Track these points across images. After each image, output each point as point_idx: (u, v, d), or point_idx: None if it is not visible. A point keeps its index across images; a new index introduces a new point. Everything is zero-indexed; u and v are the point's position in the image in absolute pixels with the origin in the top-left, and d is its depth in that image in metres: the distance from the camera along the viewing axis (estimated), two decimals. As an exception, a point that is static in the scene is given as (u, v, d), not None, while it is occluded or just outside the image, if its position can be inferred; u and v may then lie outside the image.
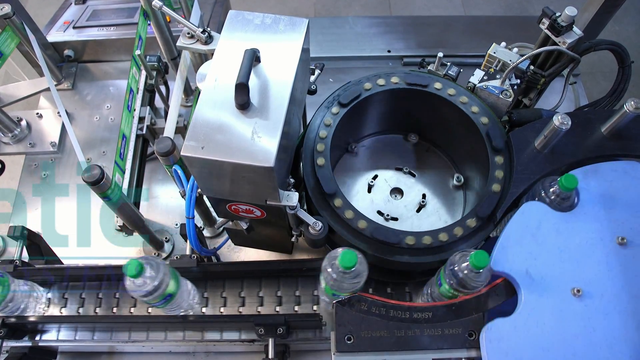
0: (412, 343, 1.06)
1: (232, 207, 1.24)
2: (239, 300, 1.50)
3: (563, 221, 1.15)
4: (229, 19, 1.21)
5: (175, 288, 1.22)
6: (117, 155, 1.49)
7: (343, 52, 2.21)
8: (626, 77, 1.55)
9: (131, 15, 2.16)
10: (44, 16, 2.26)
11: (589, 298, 1.06)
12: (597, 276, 1.08)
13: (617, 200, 1.16)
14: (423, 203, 1.55)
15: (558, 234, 1.13)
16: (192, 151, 1.04)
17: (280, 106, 1.09)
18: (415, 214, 1.54)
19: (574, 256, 1.11)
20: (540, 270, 1.10)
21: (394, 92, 1.46)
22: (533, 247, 1.12)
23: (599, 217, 1.14)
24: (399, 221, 1.52)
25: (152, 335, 1.50)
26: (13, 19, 1.73)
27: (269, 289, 1.52)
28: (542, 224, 1.15)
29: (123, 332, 1.50)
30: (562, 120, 1.21)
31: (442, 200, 1.57)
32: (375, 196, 1.56)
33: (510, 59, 1.46)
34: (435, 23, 2.34)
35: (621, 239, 1.11)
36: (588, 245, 1.12)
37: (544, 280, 1.09)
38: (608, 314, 1.05)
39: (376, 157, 1.65)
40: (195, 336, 1.48)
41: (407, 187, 1.58)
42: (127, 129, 1.56)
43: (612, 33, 3.43)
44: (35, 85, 2.00)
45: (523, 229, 1.15)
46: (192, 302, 1.40)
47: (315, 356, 1.54)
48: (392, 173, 1.61)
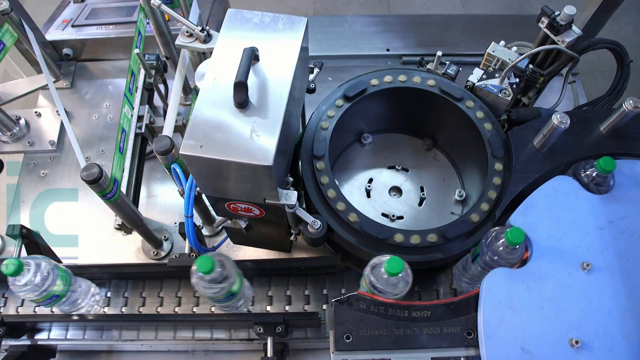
0: (410, 342, 1.06)
1: (231, 206, 1.24)
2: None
3: (593, 201, 1.17)
4: (228, 18, 1.21)
5: (239, 286, 1.24)
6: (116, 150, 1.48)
7: (342, 50, 2.21)
8: (625, 76, 1.56)
9: (130, 13, 2.15)
10: (43, 15, 2.25)
11: (597, 272, 1.09)
12: (610, 258, 1.11)
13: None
14: (423, 196, 1.55)
15: (585, 211, 1.16)
16: (190, 150, 1.04)
17: (279, 105, 1.09)
18: (418, 207, 1.55)
19: (595, 236, 1.13)
20: (557, 239, 1.13)
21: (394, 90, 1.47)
22: (555, 216, 1.15)
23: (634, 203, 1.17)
24: (405, 219, 1.53)
25: (151, 334, 1.50)
26: (11, 15, 1.72)
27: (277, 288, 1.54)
28: (571, 198, 1.17)
29: (124, 331, 1.51)
30: (561, 119, 1.21)
31: (439, 188, 1.58)
32: (376, 199, 1.56)
33: (509, 58, 1.46)
34: (435, 22, 2.34)
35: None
36: (612, 227, 1.14)
37: (558, 247, 1.12)
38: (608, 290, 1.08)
39: (368, 159, 1.65)
40: (194, 335, 1.48)
41: (403, 184, 1.58)
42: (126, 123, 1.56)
43: (611, 32, 3.43)
44: (34, 83, 2.00)
45: (550, 199, 1.18)
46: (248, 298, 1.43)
47: (314, 355, 1.54)
48: (386, 173, 1.61)
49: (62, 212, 1.83)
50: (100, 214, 1.75)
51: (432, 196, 1.57)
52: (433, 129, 1.63)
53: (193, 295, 1.54)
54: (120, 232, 1.66)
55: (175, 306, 1.53)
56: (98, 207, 1.74)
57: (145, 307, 1.54)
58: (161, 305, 1.53)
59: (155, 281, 1.57)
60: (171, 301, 1.54)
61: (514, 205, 1.22)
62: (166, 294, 1.55)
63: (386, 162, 1.63)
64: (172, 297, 1.54)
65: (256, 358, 1.50)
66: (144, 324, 1.51)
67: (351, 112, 1.44)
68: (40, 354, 1.50)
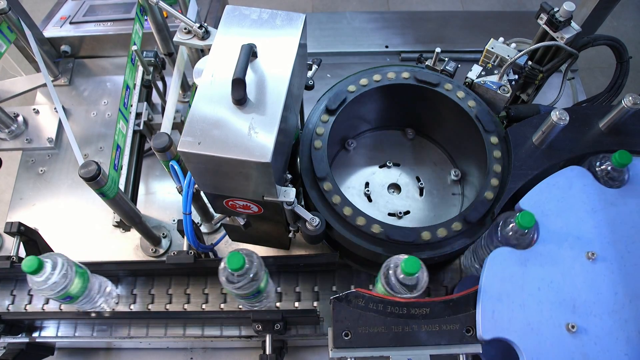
0: (409, 339, 1.06)
1: (229, 203, 1.24)
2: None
3: (605, 193, 1.18)
4: (226, 14, 1.21)
5: (266, 283, 1.25)
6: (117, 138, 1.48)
7: (340, 47, 2.21)
8: (624, 72, 1.55)
9: (128, 10, 2.15)
10: (41, 11, 2.25)
11: (601, 262, 1.10)
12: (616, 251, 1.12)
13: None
14: (422, 185, 1.56)
15: (596, 203, 1.17)
16: (188, 147, 1.03)
17: (277, 102, 1.08)
18: (420, 198, 1.55)
19: (603, 228, 1.14)
20: (565, 226, 1.14)
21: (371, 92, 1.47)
22: (565, 204, 1.17)
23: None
24: (412, 213, 1.53)
25: (151, 331, 1.50)
26: (9, 14, 1.72)
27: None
28: (583, 188, 1.19)
29: (122, 328, 1.51)
30: (560, 116, 1.21)
31: (435, 175, 1.60)
32: (378, 202, 1.55)
33: (508, 55, 1.46)
34: (433, 18, 2.33)
35: None
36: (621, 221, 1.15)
37: (564, 234, 1.13)
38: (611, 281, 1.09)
39: (360, 161, 1.64)
40: (193, 332, 1.48)
41: (399, 179, 1.59)
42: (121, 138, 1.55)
43: (610, 28, 3.43)
44: (32, 81, 1.99)
45: (562, 186, 1.19)
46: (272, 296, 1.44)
47: (313, 352, 1.54)
48: (380, 172, 1.61)
49: (60, 210, 1.83)
50: (99, 211, 1.74)
51: (430, 183, 1.58)
52: (413, 118, 1.63)
53: (184, 293, 1.54)
54: (119, 230, 1.66)
55: (166, 304, 1.53)
56: (96, 204, 1.74)
57: (136, 305, 1.54)
58: (152, 302, 1.53)
59: (149, 279, 1.57)
60: (163, 300, 1.53)
61: (513, 202, 1.22)
62: (157, 292, 1.54)
63: (376, 161, 1.63)
64: (163, 295, 1.54)
65: (255, 355, 1.50)
66: (137, 321, 1.51)
67: (335, 124, 1.42)
68: (38, 351, 1.50)
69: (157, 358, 1.59)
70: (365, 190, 1.56)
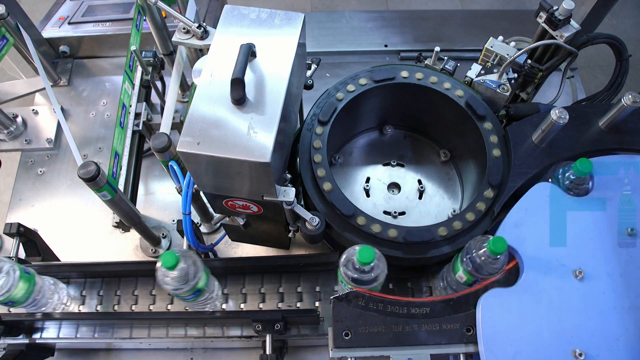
0: (409, 339, 1.06)
1: (229, 203, 1.24)
2: (241, 297, 1.50)
3: (575, 204, 1.16)
4: (225, 14, 1.21)
5: (205, 283, 1.22)
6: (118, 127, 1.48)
7: (340, 46, 2.20)
8: (624, 70, 1.55)
9: (127, 10, 2.14)
10: (39, 12, 2.25)
11: (590, 279, 1.08)
12: (601, 261, 1.10)
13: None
14: (422, 188, 1.55)
15: (567, 216, 1.15)
16: (188, 147, 1.03)
17: (276, 101, 1.08)
18: (419, 201, 1.55)
19: (581, 240, 1.12)
20: (545, 249, 1.11)
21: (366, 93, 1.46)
22: (539, 225, 1.14)
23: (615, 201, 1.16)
24: (407, 214, 1.52)
25: (153, 332, 1.49)
26: (7, 19, 1.71)
27: (271, 285, 1.52)
28: (552, 204, 1.16)
29: (123, 329, 1.50)
30: (560, 115, 1.21)
31: (438, 180, 1.59)
32: (375, 198, 1.55)
33: (508, 53, 1.46)
34: (433, 17, 2.33)
35: (631, 230, 1.12)
36: (597, 231, 1.13)
37: (547, 258, 1.10)
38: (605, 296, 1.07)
39: (362, 159, 1.64)
40: (193, 332, 1.48)
41: (401, 179, 1.58)
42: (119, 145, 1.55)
43: (610, 27, 3.42)
44: (31, 85, 1.99)
45: (533, 207, 1.17)
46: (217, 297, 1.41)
47: (313, 352, 1.54)
48: (382, 170, 1.61)
49: (60, 210, 1.83)
50: (98, 211, 1.74)
51: (431, 188, 1.57)
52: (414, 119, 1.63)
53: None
54: (118, 230, 1.66)
55: (167, 304, 1.52)
56: (96, 205, 1.74)
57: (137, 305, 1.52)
58: (153, 303, 1.52)
59: (150, 279, 1.55)
60: (165, 301, 1.52)
61: (513, 201, 1.22)
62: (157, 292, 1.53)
63: (380, 159, 1.62)
64: (164, 295, 1.53)
65: (255, 355, 1.50)
66: (139, 322, 1.50)
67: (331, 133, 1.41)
68: (38, 352, 1.49)
69: (157, 358, 1.59)
70: (365, 185, 1.56)
